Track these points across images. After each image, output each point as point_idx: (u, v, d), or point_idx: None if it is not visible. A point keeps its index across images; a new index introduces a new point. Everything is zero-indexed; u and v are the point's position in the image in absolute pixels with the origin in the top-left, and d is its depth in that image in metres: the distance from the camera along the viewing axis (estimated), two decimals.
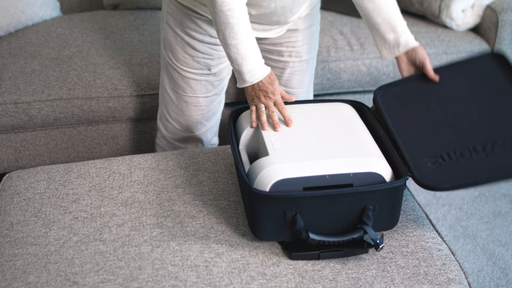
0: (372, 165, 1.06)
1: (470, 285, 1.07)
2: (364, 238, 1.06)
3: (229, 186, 1.26)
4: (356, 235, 1.06)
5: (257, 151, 1.23)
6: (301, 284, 1.03)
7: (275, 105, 1.25)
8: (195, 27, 1.42)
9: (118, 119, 1.92)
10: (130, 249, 1.10)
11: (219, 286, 1.02)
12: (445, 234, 1.95)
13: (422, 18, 2.28)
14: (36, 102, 1.83)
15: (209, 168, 1.32)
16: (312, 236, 1.04)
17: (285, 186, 1.03)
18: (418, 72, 1.35)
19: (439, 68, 1.33)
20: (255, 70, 1.24)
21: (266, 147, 1.12)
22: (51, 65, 1.91)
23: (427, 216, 1.22)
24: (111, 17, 2.21)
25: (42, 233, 1.14)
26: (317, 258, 1.07)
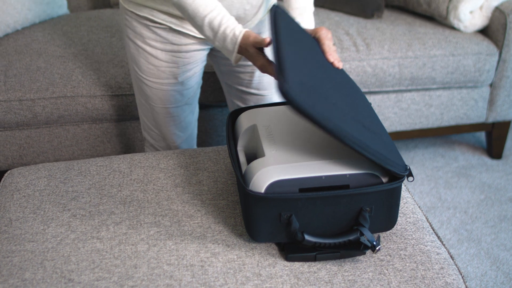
0: (369, 166, 1.05)
1: None
2: (361, 240, 1.05)
3: (229, 186, 1.26)
4: (353, 237, 1.04)
5: (255, 152, 1.22)
6: (296, 286, 1.02)
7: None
8: (155, 37, 1.42)
9: (122, 118, 1.93)
10: (127, 248, 1.10)
11: (214, 286, 1.02)
12: (449, 238, 1.93)
13: (430, 19, 2.26)
14: (41, 100, 1.84)
15: (209, 168, 1.32)
16: (308, 238, 1.03)
17: (281, 188, 1.02)
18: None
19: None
20: (227, 39, 1.22)
21: (263, 148, 1.11)
22: (56, 63, 1.91)
23: (427, 219, 1.21)
24: (118, 16, 2.22)
25: (40, 230, 1.15)
26: (314, 260, 1.06)
